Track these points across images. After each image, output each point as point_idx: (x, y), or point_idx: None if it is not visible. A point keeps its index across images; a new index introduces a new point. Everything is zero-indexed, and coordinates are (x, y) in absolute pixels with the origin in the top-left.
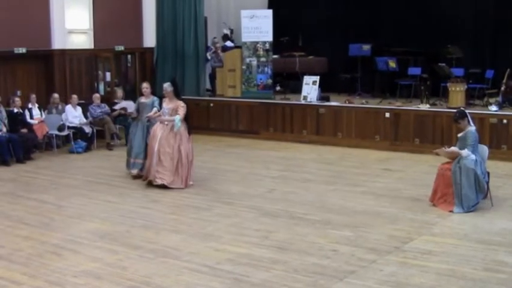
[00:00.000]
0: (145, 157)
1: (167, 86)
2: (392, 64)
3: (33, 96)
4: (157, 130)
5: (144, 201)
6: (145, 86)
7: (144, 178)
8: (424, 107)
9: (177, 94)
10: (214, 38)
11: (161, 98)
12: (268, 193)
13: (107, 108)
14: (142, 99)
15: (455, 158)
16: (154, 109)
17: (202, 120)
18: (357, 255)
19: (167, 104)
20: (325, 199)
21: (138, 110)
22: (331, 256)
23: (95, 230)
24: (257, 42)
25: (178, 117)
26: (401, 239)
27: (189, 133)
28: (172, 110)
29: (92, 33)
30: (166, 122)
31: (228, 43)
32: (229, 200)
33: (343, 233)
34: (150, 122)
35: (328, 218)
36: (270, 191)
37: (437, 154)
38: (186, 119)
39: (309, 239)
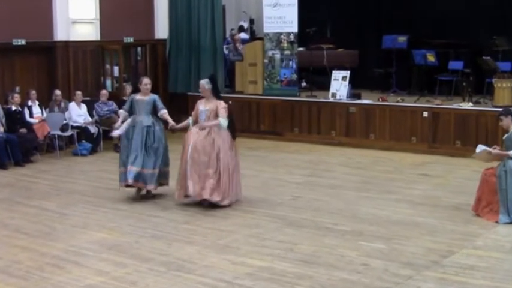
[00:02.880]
0: (166, 165)
1: (205, 83)
2: (431, 58)
3: (33, 92)
4: (191, 135)
5: (155, 209)
6: (148, 82)
7: (178, 196)
8: (467, 105)
9: (217, 93)
10: (232, 29)
11: (137, 91)
12: (292, 201)
13: (114, 106)
14: (138, 97)
15: (500, 159)
16: (164, 110)
17: None
18: (391, 270)
19: (204, 105)
20: (356, 208)
21: (129, 110)
22: (362, 271)
23: (100, 241)
24: (281, 34)
25: (222, 119)
26: (441, 253)
27: (233, 137)
28: (211, 112)
29: (98, 23)
30: (207, 128)
31: (243, 35)
32: (249, 208)
33: (376, 246)
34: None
35: (359, 228)
36: (294, 198)
37: (485, 158)
38: (230, 121)
39: (337, 252)
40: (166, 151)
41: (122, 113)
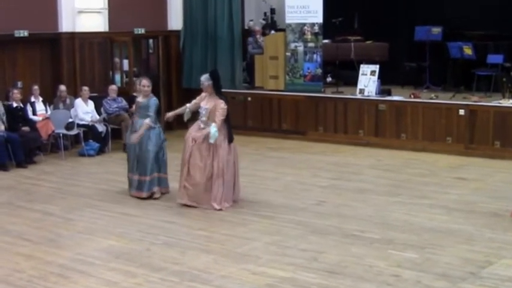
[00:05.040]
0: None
1: (204, 79)
2: (467, 50)
3: (36, 88)
4: (190, 137)
5: (168, 214)
6: (146, 84)
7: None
8: (507, 102)
9: (218, 89)
10: (251, 20)
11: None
12: (316, 206)
13: (124, 102)
14: (139, 98)
15: None
16: (147, 120)
17: (238, 117)
18: (424, 281)
19: (206, 102)
20: (386, 214)
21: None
22: (392, 283)
23: (108, 248)
24: (304, 24)
25: (214, 128)
26: (478, 263)
27: (230, 141)
28: (210, 112)
29: (106, 13)
30: (200, 137)
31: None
32: (270, 213)
33: (407, 255)
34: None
35: (389, 236)
36: (318, 203)
37: None
38: (227, 123)
39: (365, 262)
40: (156, 156)
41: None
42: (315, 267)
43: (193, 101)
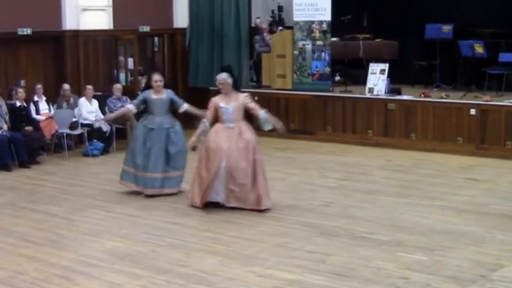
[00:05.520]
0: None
1: (226, 76)
2: (479, 49)
3: (40, 86)
4: (220, 137)
5: (173, 215)
6: (159, 79)
7: (201, 202)
8: None
9: (237, 86)
10: (257, 18)
11: (149, 88)
12: (324, 207)
13: (129, 101)
14: (153, 96)
15: None
16: (186, 105)
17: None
18: (433, 284)
19: (226, 102)
20: (395, 215)
21: (142, 110)
22: (401, 285)
23: (113, 250)
24: (312, 22)
25: (263, 113)
26: (489, 266)
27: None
28: (238, 110)
29: (111, 10)
30: (235, 127)
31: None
32: (277, 214)
33: (417, 257)
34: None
35: (398, 238)
36: (326, 204)
37: None
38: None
39: (373, 264)
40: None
41: (130, 108)
42: (322, 270)
43: (208, 112)
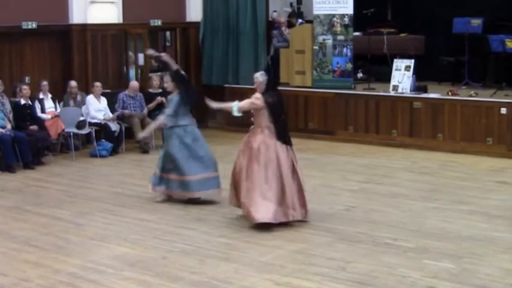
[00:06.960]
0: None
1: (259, 75)
2: (510, 44)
3: (45, 83)
4: (270, 147)
5: (186, 220)
6: (168, 80)
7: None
8: None
9: (272, 86)
10: (274, 11)
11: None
12: (345, 211)
13: (142, 100)
14: (169, 95)
15: None
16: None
17: None
18: None
19: None
20: (421, 220)
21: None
22: None
23: (122, 256)
24: (333, 16)
25: (235, 106)
26: None
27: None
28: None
29: (120, 3)
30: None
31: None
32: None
33: (444, 265)
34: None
35: (424, 244)
36: (348, 208)
37: None
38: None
39: (398, 272)
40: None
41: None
42: (343, 278)
43: (251, 102)
